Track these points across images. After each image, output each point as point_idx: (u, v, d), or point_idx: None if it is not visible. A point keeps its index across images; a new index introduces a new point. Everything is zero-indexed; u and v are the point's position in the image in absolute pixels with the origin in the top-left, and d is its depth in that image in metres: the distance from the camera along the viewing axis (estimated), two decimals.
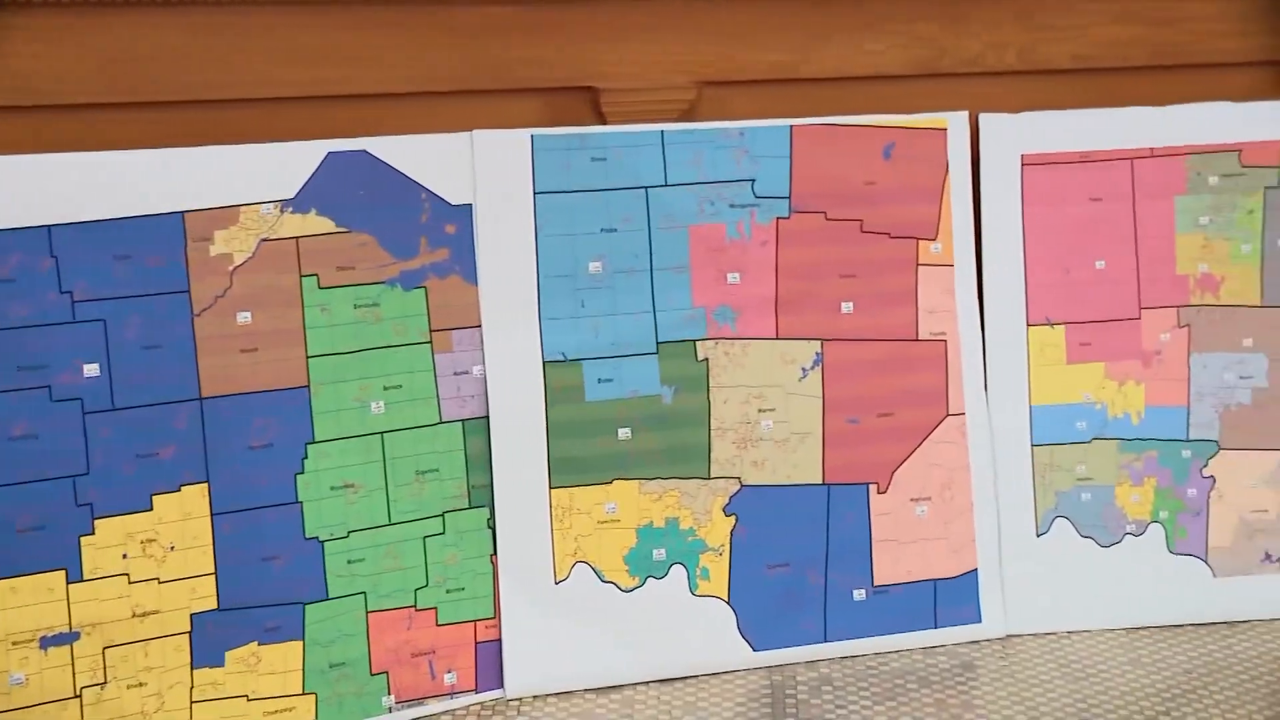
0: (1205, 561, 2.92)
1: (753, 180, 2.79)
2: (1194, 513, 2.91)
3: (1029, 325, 2.89)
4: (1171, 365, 2.91)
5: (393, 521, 2.65)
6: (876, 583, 2.84)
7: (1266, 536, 2.92)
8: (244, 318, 2.57)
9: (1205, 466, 2.92)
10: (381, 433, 2.64)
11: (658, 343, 2.77)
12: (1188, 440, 2.91)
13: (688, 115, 2.81)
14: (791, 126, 2.81)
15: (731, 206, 2.79)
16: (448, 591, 2.70)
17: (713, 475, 2.79)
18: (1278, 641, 2.84)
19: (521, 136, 2.71)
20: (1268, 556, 2.91)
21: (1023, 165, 2.90)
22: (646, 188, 2.75)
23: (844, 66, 2.86)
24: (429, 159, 2.67)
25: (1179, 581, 2.93)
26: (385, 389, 2.65)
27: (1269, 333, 2.93)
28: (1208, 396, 2.91)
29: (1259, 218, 2.91)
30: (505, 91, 2.77)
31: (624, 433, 2.75)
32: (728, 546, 2.79)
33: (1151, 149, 2.91)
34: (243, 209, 2.57)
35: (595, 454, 2.74)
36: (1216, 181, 2.91)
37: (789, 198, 2.81)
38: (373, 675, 2.64)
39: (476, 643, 2.71)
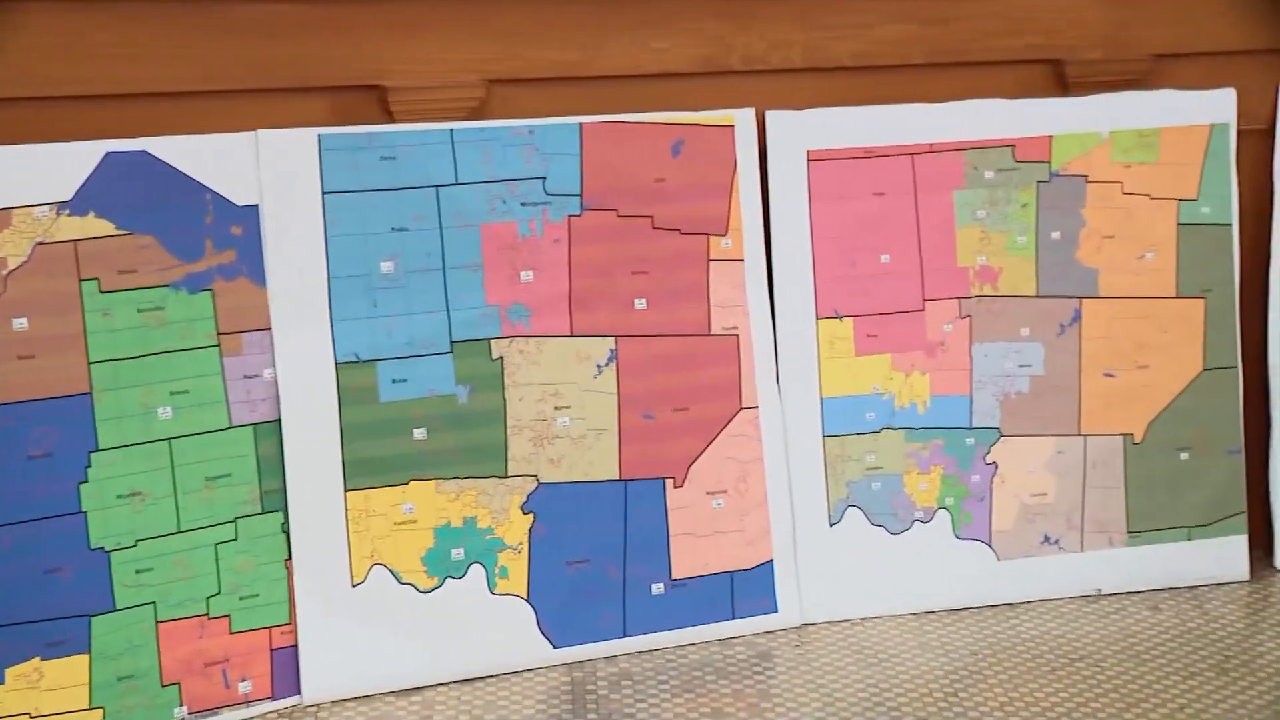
0: (989, 545, 2.76)
1: (543, 178, 2.56)
2: (978, 498, 2.74)
3: (818, 318, 2.69)
4: (954, 355, 2.73)
5: (182, 529, 2.38)
6: (674, 576, 2.63)
7: (1046, 520, 2.77)
8: (20, 324, 2.27)
9: (988, 453, 2.76)
10: (169, 439, 2.36)
11: (452, 342, 2.53)
12: (971, 428, 2.73)
13: (477, 113, 2.58)
14: (581, 124, 2.60)
15: (523, 204, 2.55)
16: (241, 598, 2.42)
17: (510, 474, 2.56)
18: (1058, 621, 2.71)
19: (308, 136, 2.46)
20: (1047, 539, 2.75)
21: (809, 161, 2.73)
22: (437, 186, 2.50)
23: (632, 64, 2.65)
24: (213, 159, 2.41)
25: (965, 566, 2.77)
26: (172, 394, 2.36)
27: (1045, 322, 2.78)
28: (989, 385, 2.73)
29: (1033, 211, 2.76)
30: (291, 90, 2.52)
31: (420, 433, 2.49)
32: (526, 544, 2.55)
33: (931, 145, 2.74)
34: (15, 211, 2.27)
35: (391, 455, 2.49)
36: (992, 176, 2.74)
37: (580, 195, 2.58)
38: (164, 687, 2.35)
39: (272, 649, 2.44)
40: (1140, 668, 2.48)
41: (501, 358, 2.54)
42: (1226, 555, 2.79)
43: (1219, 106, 2.77)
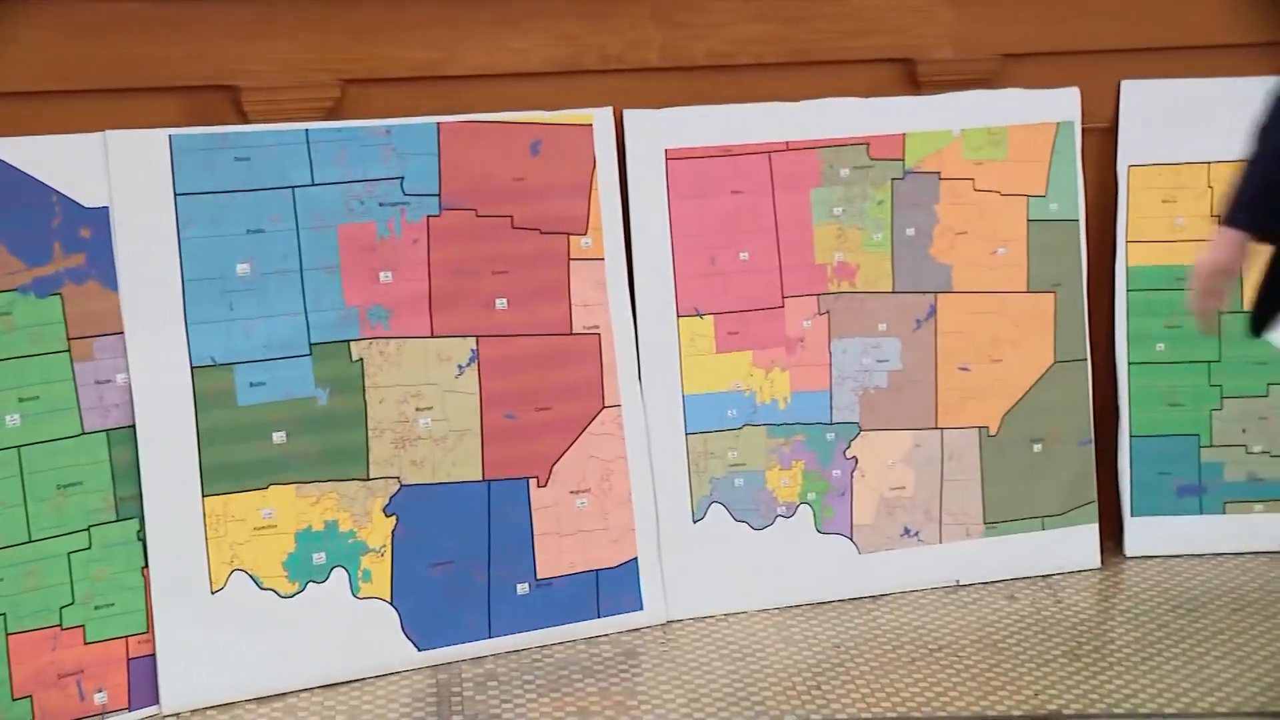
0: (850, 539, 2.71)
1: (401, 178, 2.46)
2: (839, 493, 2.71)
3: (679, 316, 2.62)
4: (814, 351, 2.68)
5: (33, 539, 2.26)
6: (539, 576, 2.56)
7: (905, 513, 2.75)
8: None
9: (848, 448, 2.72)
10: (18, 446, 2.24)
11: (311, 344, 2.43)
12: (831, 424, 2.68)
13: (333, 114, 2.49)
14: (438, 124, 2.50)
15: (381, 205, 2.45)
16: (96, 608, 2.31)
17: (371, 476, 2.47)
18: (918, 612, 2.66)
19: (159, 136, 2.35)
20: (906, 531, 2.71)
21: (667, 160, 2.66)
22: (293, 187, 2.40)
23: (490, 64, 2.57)
24: (59, 160, 2.29)
25: (827, 560, 2.73)
26: (21, 401, 2.24)
27: (901, 317, 2.75)
28: (848, 380, 2.69)
29: (888, 208, 2.71)
30: (141, 90, 2.41)
31: (279, 436, 2.38)
32: (389, 547, 2.46)
33: (787, 143, 2.69)
34: None
35: (249, 459, 2.40)
36: (848, 174, 2.69)
37: (439, 195, 2.49)
38: (15, 700, 2.22)
39: (129, 659, 2.32)
40: (997, 656, 2.44)
41: (361, 359, 2.44)
42: (1078, 544, 2.76)
43: (1064, 105, 2.76)
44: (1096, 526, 2.79)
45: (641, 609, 2.60)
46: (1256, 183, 1.72)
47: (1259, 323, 1.64)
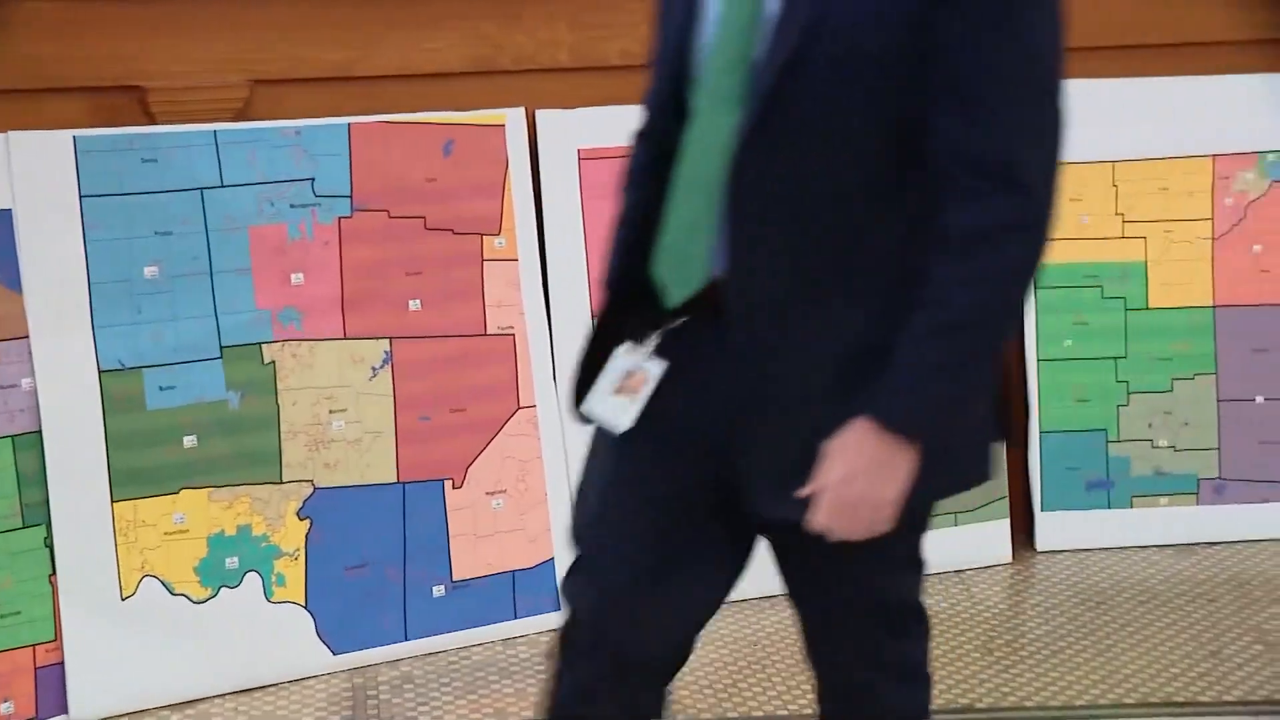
0: None
1: (312, 179, 2.42)
2: None
3: (594, 315, 2.54)
4: None
5: None
6: (456, 578, 2.51)
7: None
8: None
9: None
10: None
11: (221, 347, 2.37)
12: None
13: (242, 114, 2.42)
14: (350, 124, 2.44)
15: (292, 206, 2.40)
16: (2, 616, 2.25)
17: (285, 479, 2.41)
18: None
19: (63, 138, 2.29)
20: None
21: (580, 160, 2.61)
22: (202, 189, 2.34)
23: (403, 64, 2.52)
24: None
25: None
26: None
27: None
28: None
29: None
30: (45, 90, 2.34)
31: (190, 440, 2.34)
32: (303, 550, 2.41)
33: None
34: None
35: (160, 464, 2.33)
36: None
37: (350, 196, 2.44)
38: None
39: (36, 668, 2.26)
40: None
41: (273, 362, 2.38)
42: (991, 539, 2.74)
43: None
44: (1008, 522, 2.77)
45: (559, 609, 2.55)
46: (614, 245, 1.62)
47: (577, 397, 1.49)
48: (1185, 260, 2.80)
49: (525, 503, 2.53)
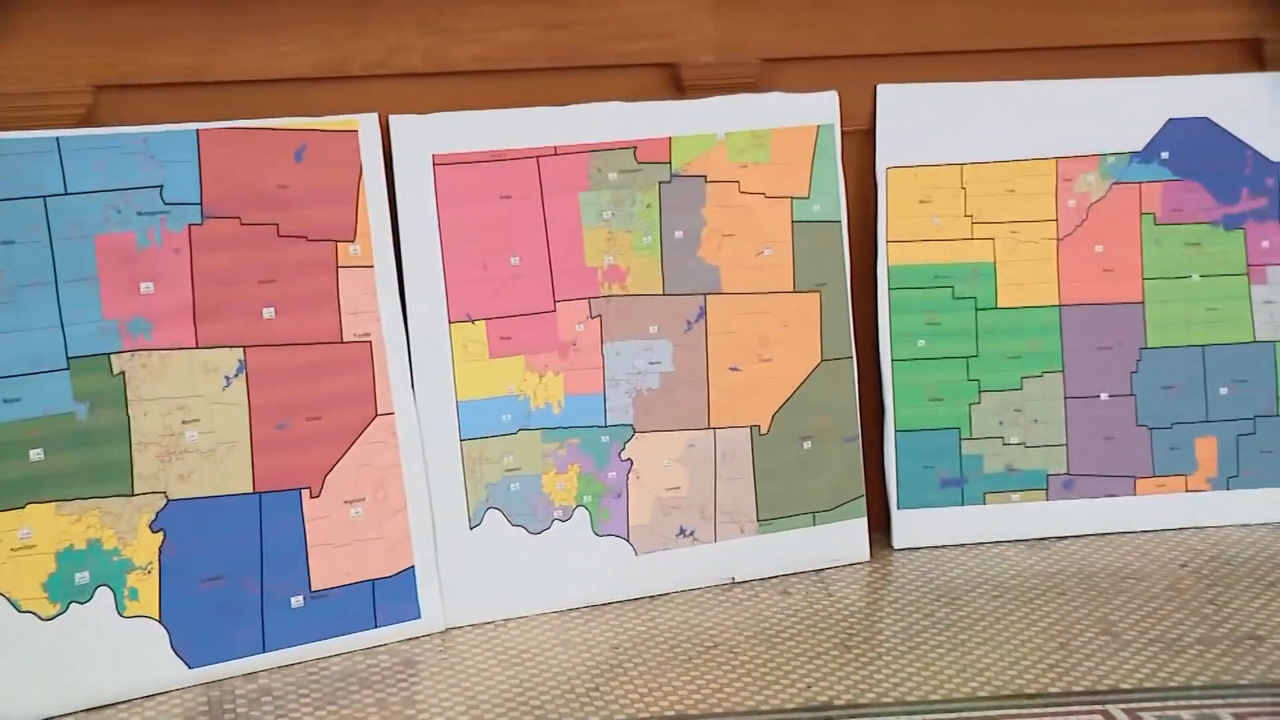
0: (627, 540, 2.68)
1: (161, 186, 2.36)
2: (615, 495, 2.67)
3: (451, 322, 2.55)
4: (587, 355, 2.64)
5: None
6: (314, 588, 2.47)
7: (681, 513, 2.72)
8: None
9: (623, 450, 2.68)
10: None
11: (68, 358, 2.31)
12: (606, 426, 2.64)
13: (86, 121, 2.38)
14: (198, 130, 2.40)
15: (140, 214, 2.35)
16: None
17: (136, 491, 2.36)
18: (695, 610, 2.63)
19: None
20: (682, 531, 2.68)
21: (435, 165, 2.59)
22: (45, 197, 2.29)
23: (253, 69, 2.49)
24: None
25: (605, 562, 2.68)
26: None
27: (671, 319, 2.72)
28: (621, 383, 2.65)
29: (656, 211, 2.70)
30: None
31: (36, 454, 2.28)
32: (156, 564, 2.36)
33: (555, 147, 2.64)
34: None
35: (4, 478, 2.27)
36: (615, 178, 2.66)
37: (200, 204, 2.40)
38: None
39: None
40: (771, 650, 2.42)
41: (123, 373, 2.33)
42: (848, 538, 2.76)
43: (824, 108, 2.75)
44: (865, 520, 2.79)
45: (419, 617, 2.53)
46: None
47: None
48: (1032, 261, 2.85)
49: (384, 511, 2.50)
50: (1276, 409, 2.92)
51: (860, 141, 2.80)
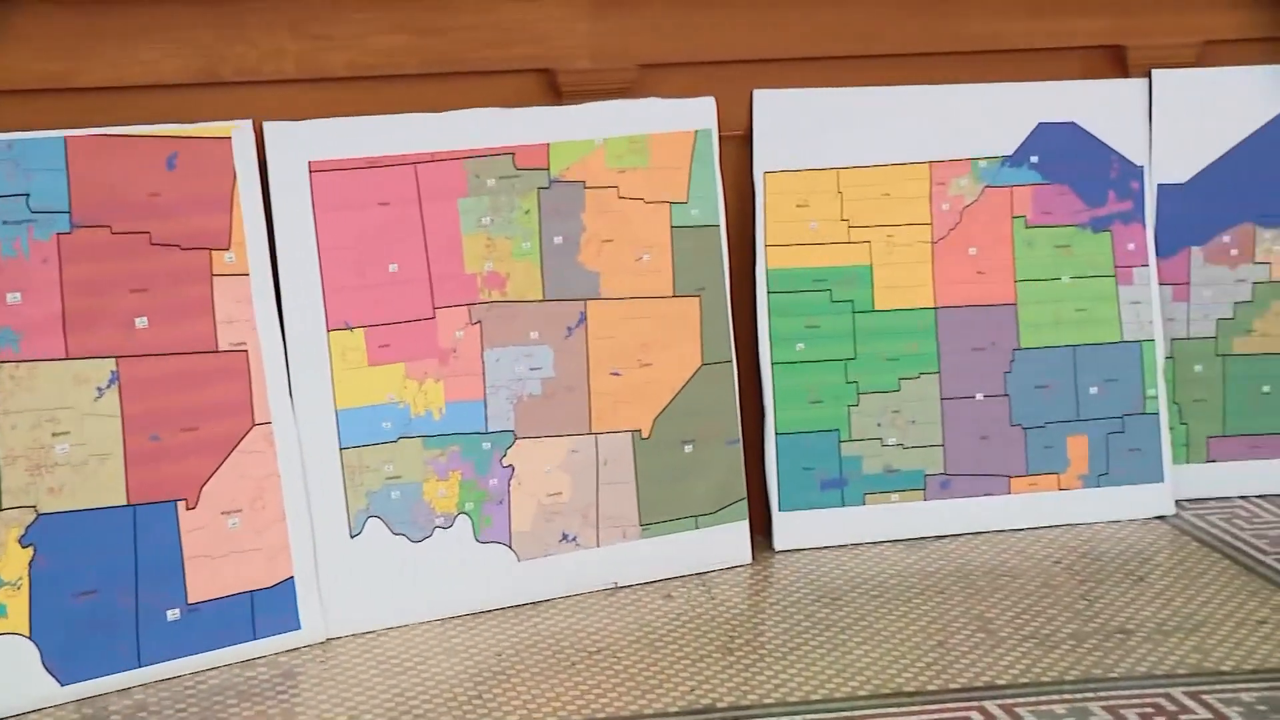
0: (510, 547, 2.66)
1: (27, 195, 2.32)
2: (497, 501, 2.65)
3: (329, 330, 2.52)
4: (467, 361, 2.62)
5: None
6: (191, 600, 2.43)
7: (563, 518, 2.70)
8: None
9: (504, 456, 2.66)
10: None
11: None
12: (487, 433, 2.61)
13: None
14: (66, 138, 2.34)
15: (5, 223, 2.32)
16: None
17: (5, 506, 2.30)
18: (578, 616, 2.62)
19: None
20: (565, 537, 2.67)
21: (311, 172, 2.55)
22: None
23: (120, 75, 2.44)
24: None
25: (487, 569, 2.66)
26: None
27: (552, 325, 2.70)
28: (502, 389, 2.63)
29: (535, 217, 2.68)
30: None
31: None
32: (26, 579, 2.31)
33: (433, 154, 2.62)
34: None
35: None
36: (494, 184, 2.65)
37: (69, 212, 2.34)
38: None
39: None
40: (654, 655, 2.42)
41: None
42: (730, 541, 2.76)
43: (701, 114, 2.75)
44: (747, 523, 2.79)
45: (299, 628, 2.49)
46: None
47: None
48: (907, 264, 2.87)
49: (262, 521, 2.46)
50: (1144, 407, 2.96)
51: (738, 146, 2.81)
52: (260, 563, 2.47)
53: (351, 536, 2.55)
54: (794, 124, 2.83)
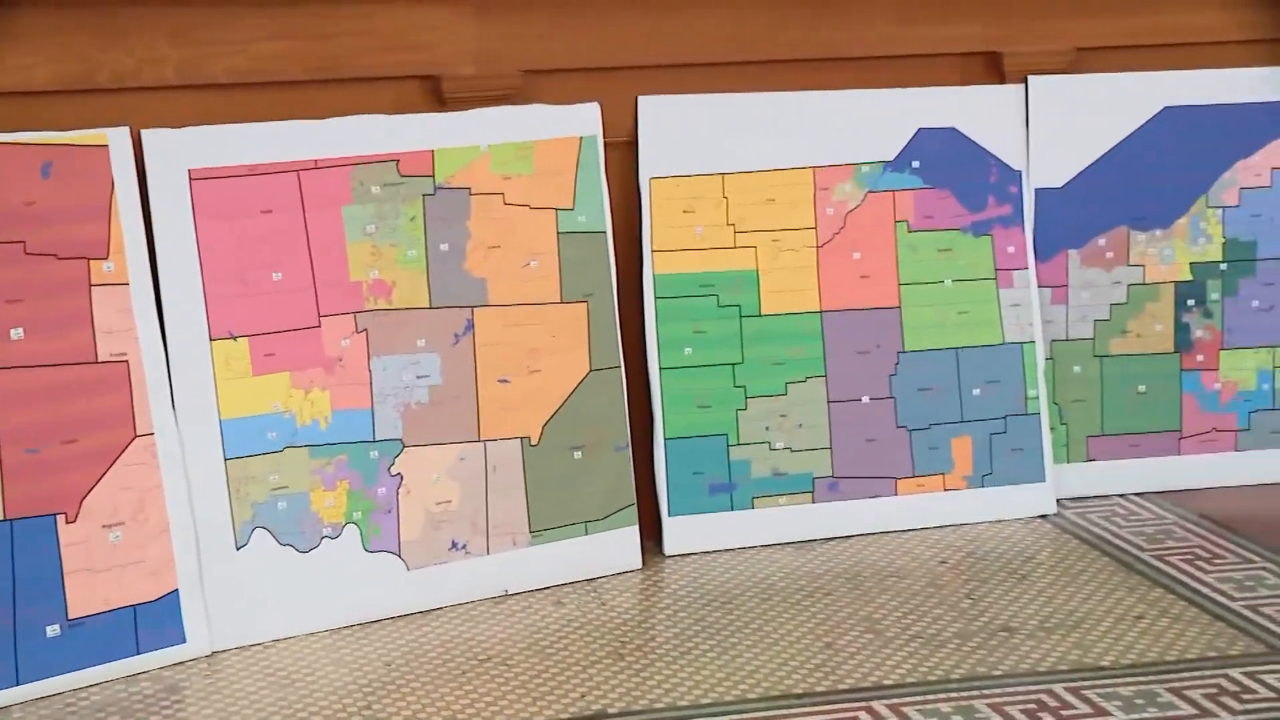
0: (399, 556, 2.63)
1: None
2: (385, 510, 2.62)
3: (212, 340, 2.47)
4: (353, 370, 2.59)
5: None
6: (71, 616, 2.37)
7: (452, 526, 2.67)
8: None
9: (392, 465, 2.63)
10: None
11: None
12: (374, 441, 2.58)
13: None
14: None
15: None
16: None
17: None
18: (468, 624, 2.60)
19: None
20: (454, 545, 2.65)
21: (191, 180, 2.51)
22: None
23: None
24: None
25: (376, 578, 2.62)
26: None
27: (440, 332, 2.67)
28: (389, 397, 2.60)
29: (420, 224, 2.66)
30: None
31: None
32: None
33: (316, 161, 2.58)
34: None
35: None
36: (379, 191, 2.62)
37: None
38: None
39: None
40: (545, 662, 2.40)
41: None
42: (620, 546, 2.75)
43: (586, 120, 2.74)
44: (637, 528, 2.78)
45: (184, 642, 2.45)
46: None
47: None
48: (793, 268, 2.87)
49: (145, 534, 2.41)
50: (1025, 408, 2.99)
51: (623, 152, 2.80)
52: (143, 576, 2.42)
53: (237, 548, 2.50)
54: (679, 129, 2.82)
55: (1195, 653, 2.41)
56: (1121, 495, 3.08)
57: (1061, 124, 3.02)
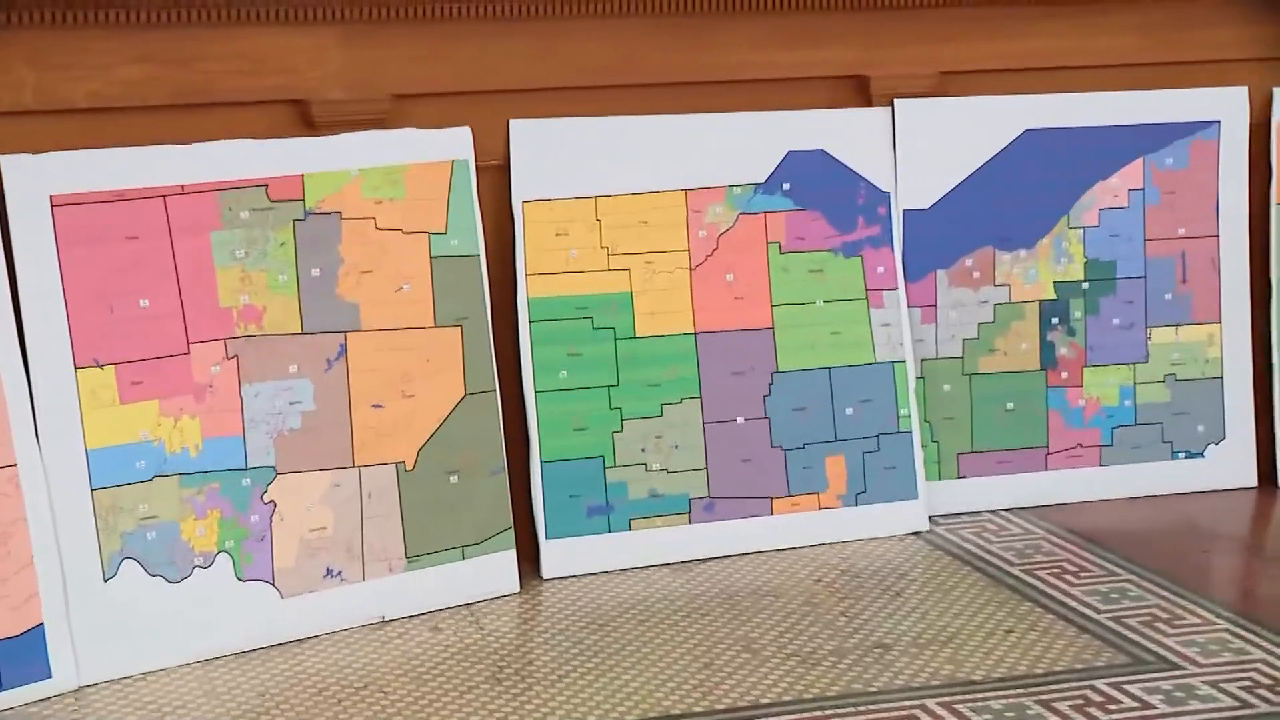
0: (273, 584, 2.58)
1: None
2: (258, 538, 2.57)
3: (77, 368, 2.39)
4: (224, 397, 2.54)
5: None
6: None
7: (327, 553, 2.63)
8: None
9: (265, 493, 2.58)
10: None
11: None
12: (246, 469, 2.53)
13: None
14: None
15: None
16: None
17: None
18: (344, 652, 2.55)
19: None
20: (329, 572, 2.61)
21: (53, 206, 2.44)
22: None
23: None
24: None
25: (249, 607, 2.57)
26: None
27: (312, 358, 2.63)
28: (261, 424, 2.56)
29: (291, 249, 2.62)
30: None
31: None
32: None
33: (183, 186, 2.54)
34: None
35: None
36: (248, 216, 2.57)
37: None
38: None
39: None
40: (422, 688, 2.37)
41: None
42: (498, 570, 2.72)
43: (457, 144, 2.73)
44: (514, 552, 2.76)
45: (50, 677, 2.38)
46: None
47: None
48: (667, 290, 2.87)
49: (9, 567, 2.34)
50: (898, 426, 3.01)
51: (496, 176, 2.78)
52: (5, 611, 2.34)
53: (105, 579, 2.44)
54: (551, 153, 2.80)
55: (1063, 665, 2.43)
56: (991, 511, 3.11)
57: (928, 146, 3.05)
